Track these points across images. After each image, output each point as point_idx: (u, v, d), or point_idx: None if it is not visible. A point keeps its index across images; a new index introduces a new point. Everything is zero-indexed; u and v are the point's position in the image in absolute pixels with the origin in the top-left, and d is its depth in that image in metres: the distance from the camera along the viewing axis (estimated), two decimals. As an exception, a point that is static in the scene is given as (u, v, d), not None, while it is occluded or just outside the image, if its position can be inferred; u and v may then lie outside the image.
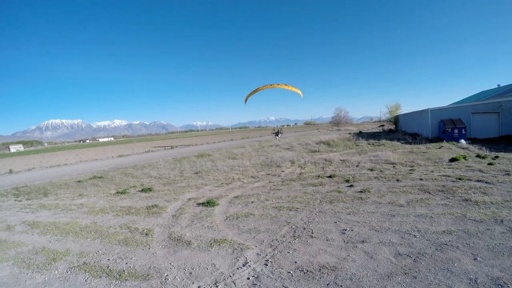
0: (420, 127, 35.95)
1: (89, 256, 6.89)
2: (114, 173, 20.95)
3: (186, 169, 20.07)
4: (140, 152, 45.78)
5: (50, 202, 12.88)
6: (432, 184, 11.32)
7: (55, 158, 46.70)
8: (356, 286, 4.96)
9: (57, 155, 56.77)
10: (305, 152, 26.31)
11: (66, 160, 39.85)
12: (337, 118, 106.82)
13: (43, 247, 7.64)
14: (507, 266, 5.28)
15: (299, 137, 53.45)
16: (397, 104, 66.82)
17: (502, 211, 8.01)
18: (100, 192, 14.52)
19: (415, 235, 6.84)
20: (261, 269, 5.75)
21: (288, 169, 17.61)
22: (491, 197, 9.36)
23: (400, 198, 9.85)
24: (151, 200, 12.07)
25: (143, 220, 9.42)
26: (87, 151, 68.15)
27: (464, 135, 27.26)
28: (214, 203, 10.60)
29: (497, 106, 29.22)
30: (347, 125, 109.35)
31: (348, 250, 6.31)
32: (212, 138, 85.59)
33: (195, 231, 8.06)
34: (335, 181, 13.25)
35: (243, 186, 13.62)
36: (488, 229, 6.93)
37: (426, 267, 5.39)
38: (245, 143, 45.76)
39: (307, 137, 46.53)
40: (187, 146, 53.05)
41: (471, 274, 5.08)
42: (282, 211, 9.37)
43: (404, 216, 8.13)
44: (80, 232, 8.64)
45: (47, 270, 6.32)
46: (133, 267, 6.17)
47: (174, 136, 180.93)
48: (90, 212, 10.80)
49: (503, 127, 28.89)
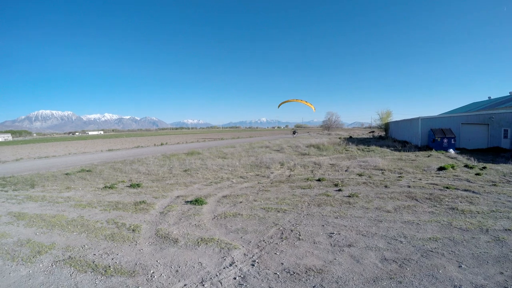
0: (410, 135, 36.27)
1: (74, 250, 6.82)
2: (103, 167, 20.76)
3: (176, 166, 19.98)
4: (130, 147, 45.44)
5: (37, 194, 12.71)
6: (419, 192, 11.43)
7: (44, 150, 46.10)
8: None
9: (45, 147, 56.05)
10: (295, 154, 26.41)
11: (55, 152, 39.38)
12: (328, 122, 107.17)
13: (28, 240, 7.54)
14: (491, 275, 5.36)
15: (289, 139, 53.56)
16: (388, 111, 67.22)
17: (487, 221, 8.13)
18: (88, 185, 14.38)
19: (402, 241, 6.91)
20: (247, 269, 5.75)
21: (278, 170, 17.65)
22: (477, 206, 9.49)
23: (387, 204, 9.93)
24: (139, 196, 12.00)
25: (130, 216, 9.35)
26: (76, 143, 67.44)
27: (453, 144, 27.57)
28: (202, 202, 10.57)
29: (487, 118, 29.64)
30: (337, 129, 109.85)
31: (335, 254, 6.34)
32: (203, 136, 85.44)
33: (183, 229, 8.03)
34: (324, 184, 13.32)
35: (232, 185, 13.61)
36: (474, 238, 7.03)
37: (411, 273, 5.45)
38: (236, 143, 45.72)
39: (298, 140, 46.63)
40: (177, 144, 52.81)
41: (455, 281, 5.15)
42: (270, 212, 9.39)
43: (391, 222, 8.20)
44: (66, 225, 8.54)
45: (31, 263, 6.23)
46: (119, 263, 6.12)
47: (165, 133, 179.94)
48: (77, 205, 10.69)
49: (492, 138, 29.33)
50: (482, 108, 39.27)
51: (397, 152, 26.11)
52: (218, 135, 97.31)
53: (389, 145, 33.17)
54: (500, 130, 28.86)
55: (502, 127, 28.67)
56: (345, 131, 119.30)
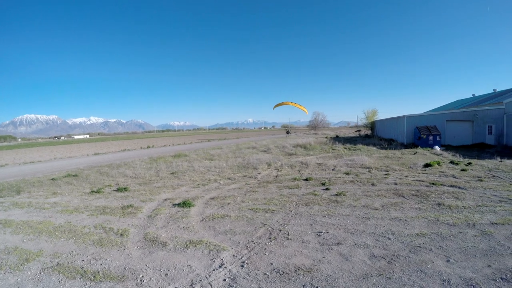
0: (396, 133, 36.64)
1: (63, 257, 6.72)
2: (89, 171, 20.51)
3: (162, 169, 19.84)
4: (116, 151, 44.97)
5: (23, 200, 12.50)
6: (406, 189, 11.57)
7: (29, 155, 45.32)
8: (332, 287, 5.03)
9: (31, 151, 55.12)
10: (282, 155, 26.45)
11: (40, 157, 38.75)
12: (315, 122, 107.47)
13: (16, 247, 7.41)
14: (479, 268, 5.45)
15: (276, 139, 53.58)
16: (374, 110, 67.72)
17: (474, 215, 8.27)
18: (75, 190, 14.19)
19: (390, 238, 6.98)
20: (237, 270, 5.74)
21: (265, 171, 17.67)
22: (463, 201, 9.64)
23: (375, 202, 10.02)
24: (126, 200, 11.89)
25: (118, 220, 9.26)
26: (62, 148, 66.45)
27: (438, 141, 27.95)
28: (190, 204, 10.52)
29: (471, 114, 30.12)
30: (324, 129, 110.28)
31: (324, 252, 6.38)
32: (189, 139, 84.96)
33: (171, 232, 7.99)
34: (311, 184, 13.38)
35: (220, 187, 13.58)
36: (461, 232, 7.14)
37: (400, 269, 5.51)
38: (222, 145, 45.59)
39: (284, 140, 46.73)
40: (164, 146, 52.47)
41: (444, 275, 5.22)
42: (258, 213, 9.40)
43: (379, 219, 8.28)
44: (53, 231, 8.42)
45: (19, 271, 6.12)
46: (108, 268, 6.05)
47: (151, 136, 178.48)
48: (64, 211, 10.54)
49: (476, 135, 29.82)
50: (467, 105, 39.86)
51: (383, 150, 26.36)
52: (205, 137, 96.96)
53: (376, 144, 33.46)
54: (484, 127, 29.37)
55: (486, 123, 29.18)
56: (331, 130, 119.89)
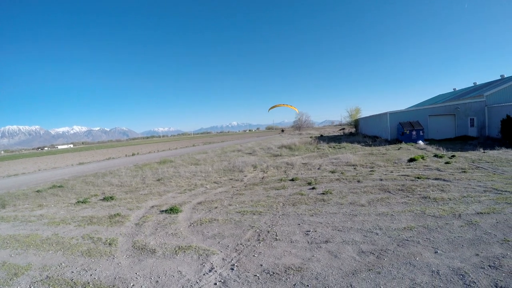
0: (380, 129, 37.07)
1: (52, 270, 6.62)
2: (75, 181, 20.23)
3: (148, 176, 19.68)
4: (101, 159, 44.45)
5: (8, 214, 12.27)
6: (392, 184, 11.73)
7: (12, 167, 44.45)
8: (322, 285, 5.06)
9: (14, 164, 54.05)
10: (267, 156, 26.49)
11: (24, 169, 38.04)
12: (299, 122, 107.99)
13: (4, 262, 7.27)
14: (467, 257, 5.57)
15: (261, 141, 53.63)
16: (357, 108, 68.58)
17: (459, 206, 8.44)
18: (61, 202, 13.99)
19: (377, 233, 7.07)
20: (227, 273, 5.74)
21: (251, 173, 17.69)
22: (449, 193, 9.83)
23: (361, 198, 10.14)
24: (113, 209, 11.76)
25: (106, 230, 9.17)
26: (46, 159, 65.27)
27: (422, 136, 28.40)
28: (177, 210, 10.48)
29: (453, 108, 30.70)
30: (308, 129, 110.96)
31: (313, 251, 6.43)
32: (174, 144, 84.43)
33: (160, 239, 7.94)
34: (298, 184, 13.45)
35: (206, 192, 13.55)
36: (447, 224, 7.28)
37: (389, 263, 5.59)
38: (208, 149, 45.37)
39: (269, 142, 46.82)
40: (149, 153, 52.08)
41: (433, 267, 5.32)
42: (246, 215, 9.42)
43: (366, 215, 8.39)
44: (41, 244, 8.29)
45: (9, 286, 6.00)
46: (98, 279, 5.99)
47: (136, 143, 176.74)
48: (51, 223, 10.39)
49: (459, 128, 30.42)
50: (448, 99, 40.51)
51: (368, 147, 26.67)
52: (189, 142, 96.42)
53: (360, 141, 33.82)
54: (466, 120, 29.97)
55: (468, 116, 29.78)
56: (316, 130, 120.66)
